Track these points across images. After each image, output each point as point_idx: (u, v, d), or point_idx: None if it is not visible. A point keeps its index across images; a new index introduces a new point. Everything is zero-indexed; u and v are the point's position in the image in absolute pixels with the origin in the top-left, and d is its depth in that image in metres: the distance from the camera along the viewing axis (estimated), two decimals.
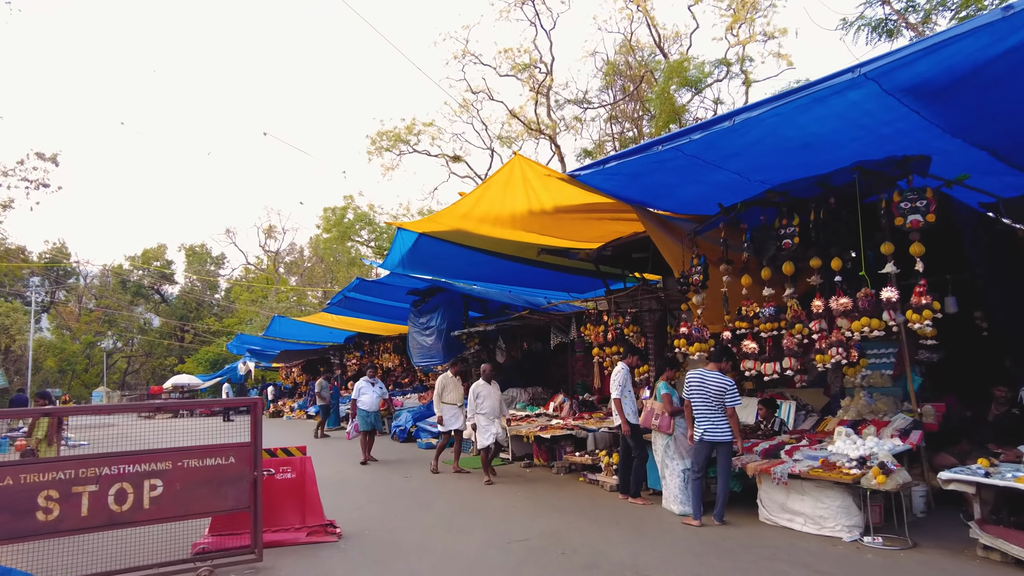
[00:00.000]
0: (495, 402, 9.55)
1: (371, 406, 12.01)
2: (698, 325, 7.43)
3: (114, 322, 51.69)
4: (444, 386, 10.28)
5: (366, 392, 12.11)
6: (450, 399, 10.26)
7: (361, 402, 11.99)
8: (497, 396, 9.61)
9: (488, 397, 9.50)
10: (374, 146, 25.27)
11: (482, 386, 9.62)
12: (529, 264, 12.03)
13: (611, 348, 9.21)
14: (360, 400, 12.00)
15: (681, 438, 6.98)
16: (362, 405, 11.98)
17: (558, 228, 9.21)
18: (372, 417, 12.02)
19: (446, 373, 10.61)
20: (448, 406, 10.21)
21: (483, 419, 9.42)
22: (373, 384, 12.32)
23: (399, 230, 10.77)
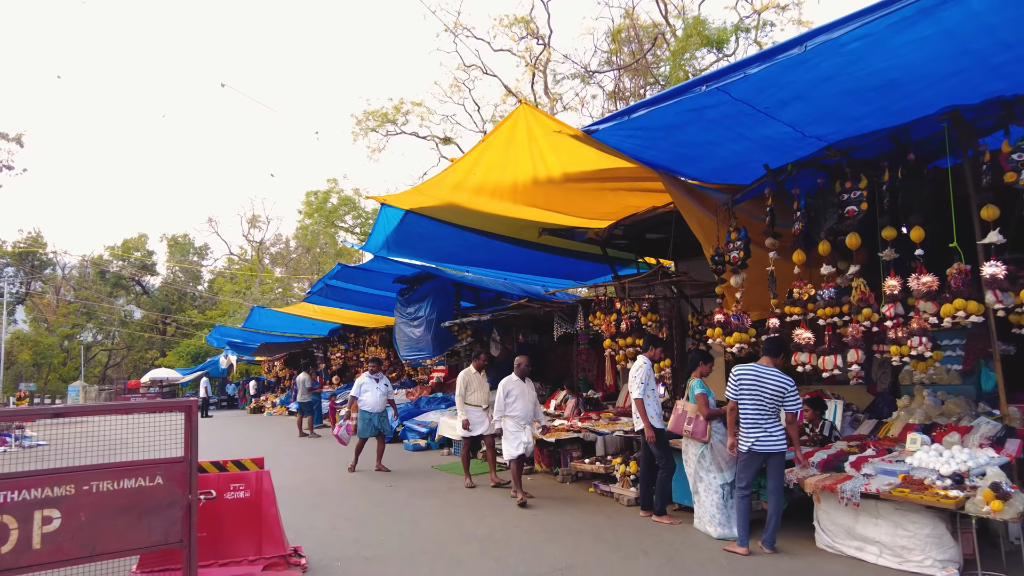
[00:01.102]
0: (528, 404, 7.89)
1: (375, 406, 10.15)
2: (737, 311, 6.24)
3: (93, 314, 50.07)
4: (467, 384, 8.74)
5: (368, 389, 10.22)
6: (475, 399, 8.68)
7: (362, 401, 10.16)
8: (531, 397, 7.97)
9: (521, 397, 7.84)
10: (359, 126, 23.95)
11: (514, 383, 7.91)
12: (528, 247, 10.84)
13: (625, 340, 8.03)
14: (361, 399, 10.18)
15: (719, 446, 5.81)
16: (363, 405, 10.15)
17: (565, 201, 8.00)
18: (376, 419, 10.17)
19: (468, 369, 9.01)
20: (473, 408, 8.62)
21: (512, 423, 7.78)
22: (377, 380, 10.40)
23: (383, 207, 9.53)
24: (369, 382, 10.31)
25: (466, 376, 8.83)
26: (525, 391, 7.91)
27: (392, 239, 10.58)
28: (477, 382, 8.79)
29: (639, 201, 7.92)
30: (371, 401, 10.16)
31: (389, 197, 8.87)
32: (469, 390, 8.69)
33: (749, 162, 6.51)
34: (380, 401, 10.22)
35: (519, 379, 7.96)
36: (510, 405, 7.81)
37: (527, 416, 7.86)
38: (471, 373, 8.87)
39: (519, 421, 7.77)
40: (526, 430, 7.82)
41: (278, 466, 10.40)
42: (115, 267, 50.11)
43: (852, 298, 5.39)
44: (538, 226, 9.42)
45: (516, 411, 7.79)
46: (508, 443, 7.76)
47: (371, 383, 10.28)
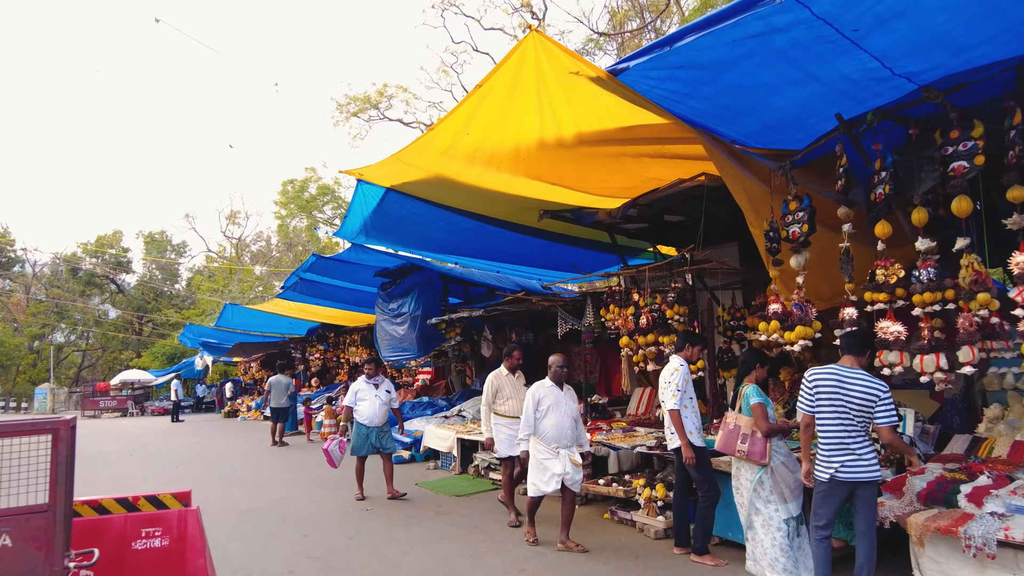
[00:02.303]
0: (566, 420, 5.70)
1: (373, 418, 8.10)
2: (799, 300, 4.99)
3: (65, 314, 48.17)
4: (497, 389, 6.79)
5: (365, 397, 8.21)
6: (507, 409, 6.67)
7: (359, 412, 8.18)
8: (571, 411, 5.81)
9: (555, 409, 5.68)
10: (340, 112, 22.53)
11: (547, 390, 5.79)
12: (525, 233, 9.55)
13: (645, 337, 6.77)
14: (357, 409, 8.21)
15: (783, 471, 4.56)
16: (359, 417, 8.15)
17: (576, 172, 6.72)
18: (374, 435, 8.12)
19: (498, 370, 6.98)
20: (504, 420, 6.65)
21: (542, 447, 5.65)
22: (376, 385, 8.31)
23: (359, 184, 8.22)
24: (367, 388, 8.29)
25: (496, 380, 6.85)
26: (562, 402, 5.75)
27: (371, 223, 9.27)
28: (511, 387, 6.79)
29: (663, 172, 6.67)
30: (368, 412, 8.14)
31: (367, 170, 7.55)
32: (500, 397, 6.77)
33: (809, 116, 5.27)
34: (380, 412, 8.17)
35: (554, 384, 5.84)
36: (540, 421, 5.67)
37: (564, 437, 5.63)
38: (502, 376, 6.86)
39: (552, 444, 5.61)
40: (561, 457, 5.58)
41: (241, 482, 9.23)
42: (88, 264, 48.21)
43: (962, 280, 4.14)
44: (540, 206, 8.15)
45: (548, 430, 5.63)
46: (536, 474, 5.68)
47: (369, 389, 8.28)
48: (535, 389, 5.88)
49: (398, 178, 7.60)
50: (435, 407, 12.86)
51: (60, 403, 39.95)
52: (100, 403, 31.17)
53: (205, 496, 8.26)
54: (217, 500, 8.03)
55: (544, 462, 5.64)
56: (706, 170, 6.47)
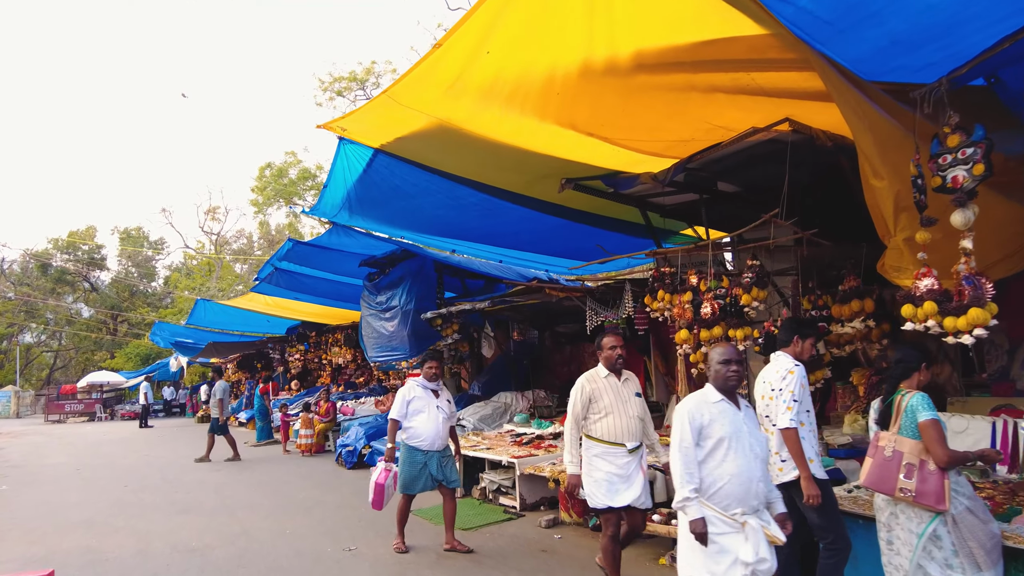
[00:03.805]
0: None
1: (434, 439, 5.80)
2: (969, 272, 3.50)
3: (35, 313, 46.05)
4: (592, 397, 4.49)
5: (423, 408, 5.83)
6: (607, 430, 4.42)
7: (413, 430, 5.80)
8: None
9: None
10: (324, 91, 20.84)
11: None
12: (540, 210, 8.04)
13: (711, 330, 5.27)
14: (410, 425, 5.81)
15: (971, 520, 3.09)
16: (413, 438, 5.79)
17: (622, 115, 5.20)
18: (434, 463, 5.78)
19: (593, 372, 4.63)
20: (602, 448, 4.40)
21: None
22: (437, 393, 6.02)
23: (341, 144, 6.68)
24: (423, 396, 5.89)
25: (589, 384, 4.53)
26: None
27: (355, 195, 7.72)
28: (612, 395, 4.47)
29: (733, 118, 5.17)
30: (428, 431, 5.77)
31: (349, 120, 6.00)
32: (595, 411, 4.46)
33: (961, 24, 3.81)
34: (443, 431, 5.87)
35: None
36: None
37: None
38: (598, 379, 4.55)
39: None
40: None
41: (197, 508, 7.51)
42: (59, 261, 46.07)
43: None
44: (562, 173, 6.66)
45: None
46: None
47: (427, 398, 5.88)
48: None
49: (389, 131, 6.06)
50: None
51: (26, 406, 37.96)
52: (66, 407, 29.23)
53: (148, 529, 6.68)
54: (161, 535, 6.44)
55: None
56: (792, 114, 5.01)
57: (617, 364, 4.51)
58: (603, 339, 4.62)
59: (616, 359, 4.50)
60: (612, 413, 4.39)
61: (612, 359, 4.51)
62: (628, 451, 4.37)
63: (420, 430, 5.78)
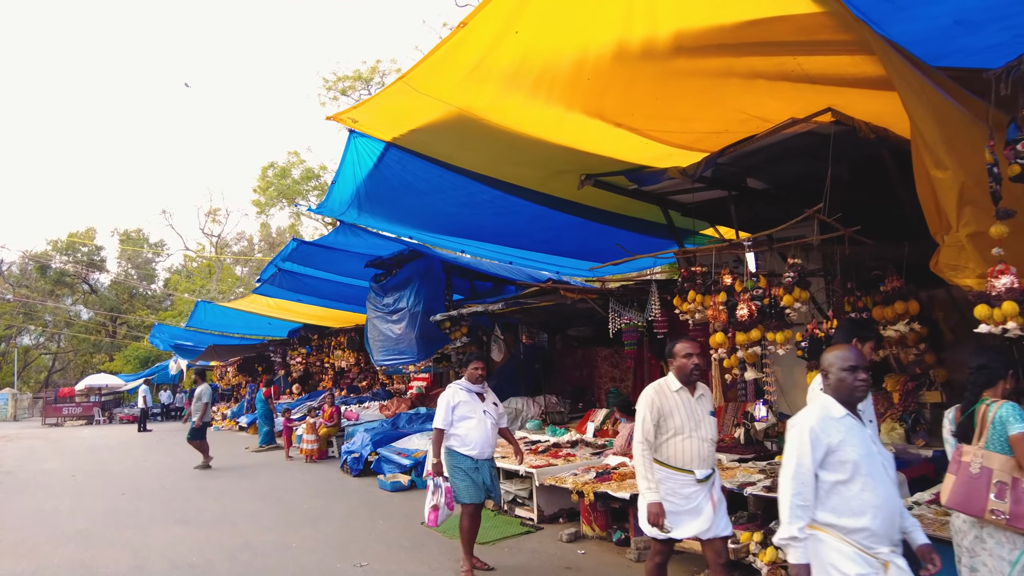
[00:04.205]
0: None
1: (484, 446, 5.19)
2: None
3: (34, 314, 45.71)
4: (661, 414, 3.76)
5: (471, 414, 5.20)
6: (678, 454, 3.74)
7: (460, 437, 5.15)
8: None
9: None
10: (329, 90, 20.52)
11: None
12: (555, 208, 7.73)
13: (748, 333, 4.93)
14: (457, 433, 5.17)
15: None
16: (463, 444, 5.14)
17: (656, 102, 4.87)
18: (486, 471, 5.20)
19: (662, 383, 3.91)
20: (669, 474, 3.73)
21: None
22: (482, 396, 5.38)
23: (351, 137, 6.38)
24: (469, 400, 5.25)
25: (658, 397, 3.81)
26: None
27: (365, 192, 7.41)
28: (685, 412, 3.78)
29: (771, 107, 4.85)
30: (477, 437, 5.13)
31: (362, 111, 5.68)
32: (662, 429, 3.75)
33: None
34: (492, 437, 5.27)
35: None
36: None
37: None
38: (667, 392, 3.83)
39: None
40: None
41: (196, 518, 6.97)
42: (58, 262, 45.71)
43: None
44: (583, 168, 6.34)
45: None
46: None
47: (473, 402, 5.25)
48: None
49: (403, 123, 5.74)
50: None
51: (24, 409, 37.56)
52: (63, 410, 28.87)
53: (145, 541, 6.33)
54: (159, 549, 6.09)
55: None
56: (834, 104, 4.69)
57: (692, 376, 3.77)
58: (676, 345, 3.87)
59: (692, 370, 3.76)
60: (682, 434, 3.68)
61: (687, 369, 3.77)
62: (697, 480, 3.66)
63: (469, 437, 5.14)
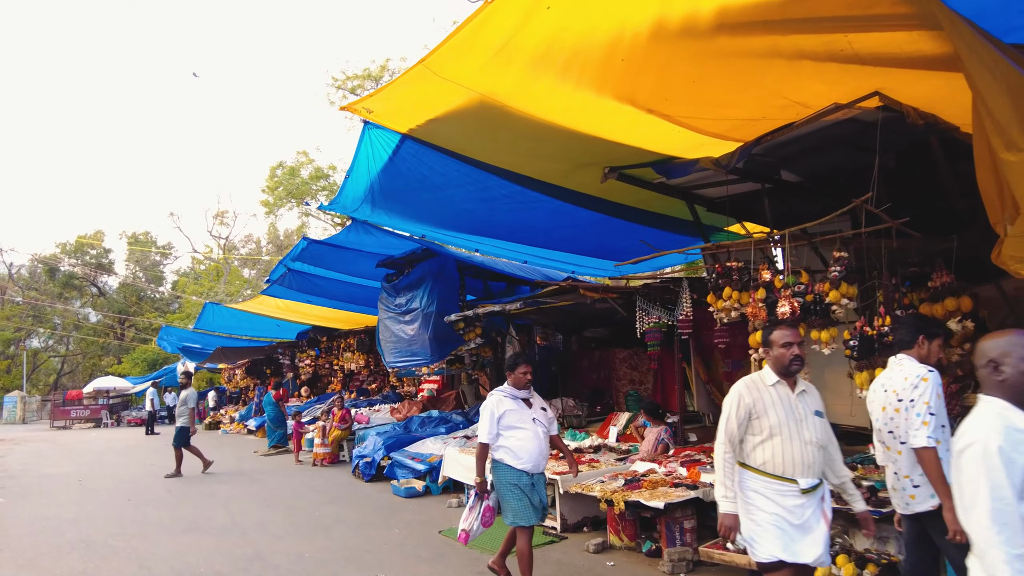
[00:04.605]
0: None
1: (538, 459, 4.63)
2: None
3: (43, 317, 45.72)
4: (751, 413, 3.18)
5: (520, 423, 4.61)
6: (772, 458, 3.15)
7: (509, 448, 4.58)
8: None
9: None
10: (338, 89, 20.27)
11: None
12: (575, 203, 7.47)
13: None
14: (505, 444, 4.59)
15: None
16: (513, 457, 4.57)
17: (692, 86, 4.58)
18: (538, 486, 4.66)
19: (755, 377, 3.33)
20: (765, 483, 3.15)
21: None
22: (530, 402, 4.76)
23: (366, 129, 6.12)
24: (516, 408, 4.64)
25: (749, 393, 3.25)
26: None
27: (379, 187, 7.15)
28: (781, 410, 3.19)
29: (814, 92, 4.56)
30: (529, 448, 4.55)
31: (378, 100, 5.41)
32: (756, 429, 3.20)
33: None
34: (544, 447, 4.70)
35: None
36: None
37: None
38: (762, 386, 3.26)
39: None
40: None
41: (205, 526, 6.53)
42: (67, 265, 45.71)
43: None
44: (608, 158, 6.07)
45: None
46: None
47: (520, 410, 4.64)
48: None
49: (421, 112, 5.48)
50: (449, 423, 10.67)
51: (32, 412, 37.49)
52: (71, 413, 28.73)
53: (151, 550, 6.07)
54: (165, 559, 5.82)
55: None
56: (882, 87, 4.40)
57: (792, 367, 3.16)
58: (772, 332, 3.25)
59: (791, 361, 3.14)
60: (779, 435, 3.10)
61: (785, 360, 3.15)
62: (801, 490, 3.07)
63: (522, 449, 4.54)
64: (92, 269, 45.65)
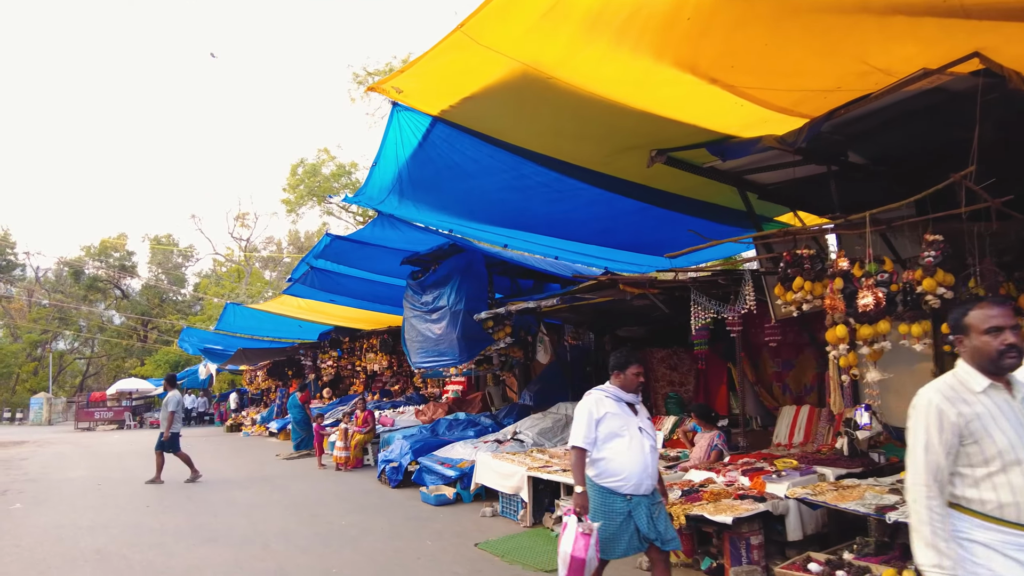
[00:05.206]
0: None
1: (641, 477, 3.79)
2: None
3: (68, 319, 46.09)
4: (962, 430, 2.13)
5: (621, 431, 3.82)
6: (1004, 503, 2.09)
7: (605, 461, 3.78)
8: None
9: None
10: (359, 84, 19.85)
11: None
12: (616, 191, 6.95)
13: (875, 325, 4.11)
14: (603, 454, 3.79)
15: None
16: (611, 474, 3.77)
17: (763, 50, 4.08)
18: (642, 513, 3.76)
19: (950, 380, 2.25)
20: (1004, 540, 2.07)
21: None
22: (635, 407, 4.04)
23: (394, 111, 5.70)
24: (619, 412, 3.90)
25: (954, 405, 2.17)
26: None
27: (407, 176, 6.71)
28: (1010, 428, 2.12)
29: (905, 53, 4.02)
30: (630, 464, 3.78)
31: (409, 76, 4.95)
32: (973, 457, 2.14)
33: None
34: (651, 464, 3.87)
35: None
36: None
37: None
38: (968, 393, 2.19)
39: None
40: None
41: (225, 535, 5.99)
42: (91, 268, 46.04)
43: None
44: (657, 139, 5.57)
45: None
46: None
47: (624, 414, 3.92)
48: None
49: (455, 89, 5.01)
50: (478, 426, 10.23)
51: (58, 413, 37.72)
52: (95, 414, 28.75)
53: (167, 563, 5.68)
54: (182, 572, 5.42)
55: None
56: (983, 47, 3.87)
57: (1006, 362, 2.14)
58: (970, 313, 2.24)
59: (1003, 353, 2.14)
60: (1017, 466, 2.08)
61: (992, 352, 2.16)
62: None
63: (619, 464, 3.74)
64: (116, 272, 45.95)
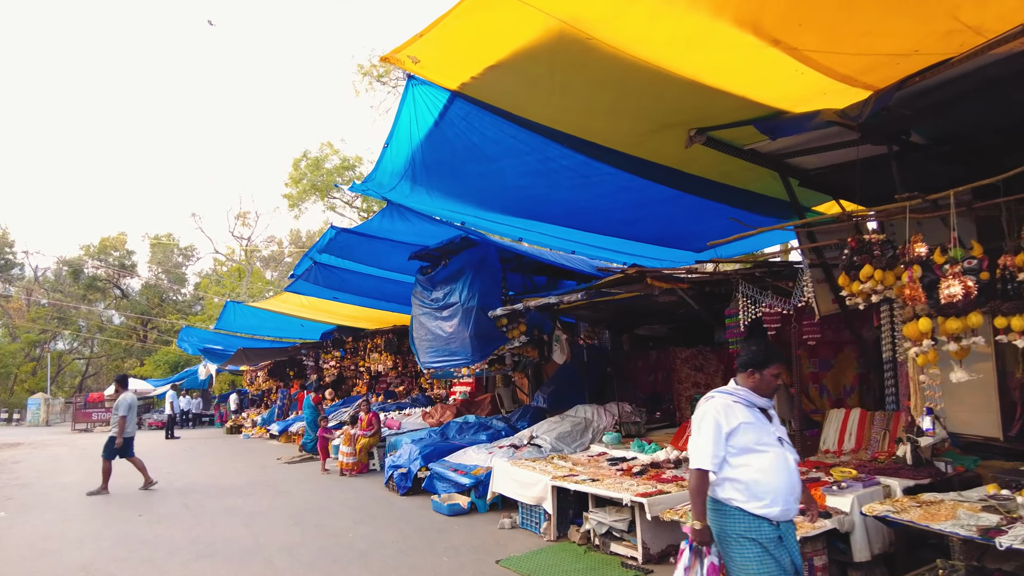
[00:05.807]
0: None
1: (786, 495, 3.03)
2: None
3: (67, 319, 45.58)
4: None
5: (762, 445, 3.06)
6: None
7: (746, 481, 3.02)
8: None
9: None
10: (364, 76, 19.35)
11: None
12: (646, 175, 6.44)
13: (964, 318, 3.59)
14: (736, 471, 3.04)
15: None
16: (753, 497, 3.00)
17: (838, 3, 3.57)
18: (790, 538, 3.06)
19: None
20: None
21: None
22: (769, 414, 3.23)
23: (409, 85, 5.21)
24: (756, 421, 3.13)
25: None
26: None
27: (421, 159, 6.20)
28: None
29: (1003, 7, 3.51)
30: (776, 482, 3.02)
31: (429, 39, 4.42)
32: None
33: None
34: (796, 480, 3.10)
35: None
36: None
37: None
38: None
39: None
40: None
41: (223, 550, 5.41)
42: (91, 267, 45.52)
43: None
44: (703, 115, 5.06)
45: None
46: None
47: (760, 423, 3.14)
48: None
49: (480, 56, 4.50)
50: (490, 430, 9.70)
51: (56, 414, 37.23)
52: (93, 415, 28.25)
53: None
54: None
55: None
56: None
57: None
58: None
59: None
60: None
61: None
62: None
63: (762, 483, 3.01)
64: (115, 271, 45.44)
